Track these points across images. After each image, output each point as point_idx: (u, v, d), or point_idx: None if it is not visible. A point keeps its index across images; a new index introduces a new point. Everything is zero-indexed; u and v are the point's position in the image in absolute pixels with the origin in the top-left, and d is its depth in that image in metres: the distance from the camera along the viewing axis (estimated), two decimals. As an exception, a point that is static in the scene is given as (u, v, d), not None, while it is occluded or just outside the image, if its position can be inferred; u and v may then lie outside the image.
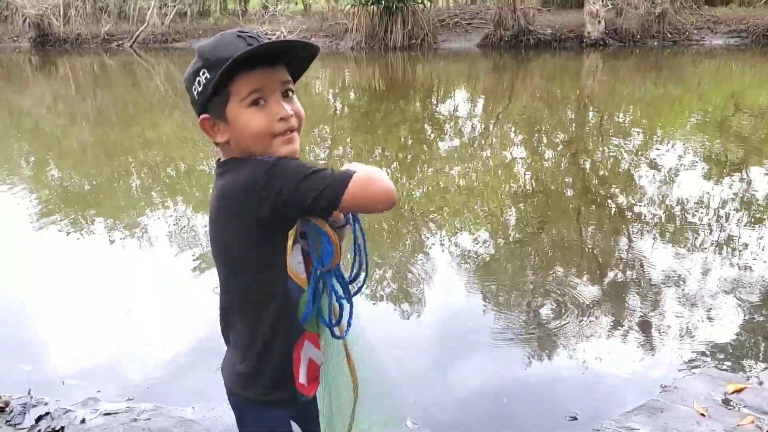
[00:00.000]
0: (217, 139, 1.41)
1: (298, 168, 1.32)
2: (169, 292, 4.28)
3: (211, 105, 1.38)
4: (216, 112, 1.39)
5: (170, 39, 20.56)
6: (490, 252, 4.87)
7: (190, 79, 1.40)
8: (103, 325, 3.85)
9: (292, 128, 1.39)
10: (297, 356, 1.49)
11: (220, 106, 1.37)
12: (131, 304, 4.07)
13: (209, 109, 1.39)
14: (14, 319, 3.98)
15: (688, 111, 10.24)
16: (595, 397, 3.03)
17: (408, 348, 3.53)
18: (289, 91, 1.41)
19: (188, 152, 8.29)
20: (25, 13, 20.61)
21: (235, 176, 1.36)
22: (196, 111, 1.42)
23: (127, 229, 5.46)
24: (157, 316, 3.94)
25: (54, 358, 3.51)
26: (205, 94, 1.37)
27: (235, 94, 1.35)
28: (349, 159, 7.70)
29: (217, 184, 1.42)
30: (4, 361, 3.45)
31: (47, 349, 3.62)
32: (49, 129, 10.48)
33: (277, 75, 1.38)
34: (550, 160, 7.44)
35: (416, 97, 12.39)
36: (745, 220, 5.29)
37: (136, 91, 13.92)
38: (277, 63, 1.38)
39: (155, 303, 4.10)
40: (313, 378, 1.55)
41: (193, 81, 1.39)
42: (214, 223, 1.46)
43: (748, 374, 3.14)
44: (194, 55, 1.41)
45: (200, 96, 1.38)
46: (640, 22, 17.08)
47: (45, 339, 3.72)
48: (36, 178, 7.35)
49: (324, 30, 19.42)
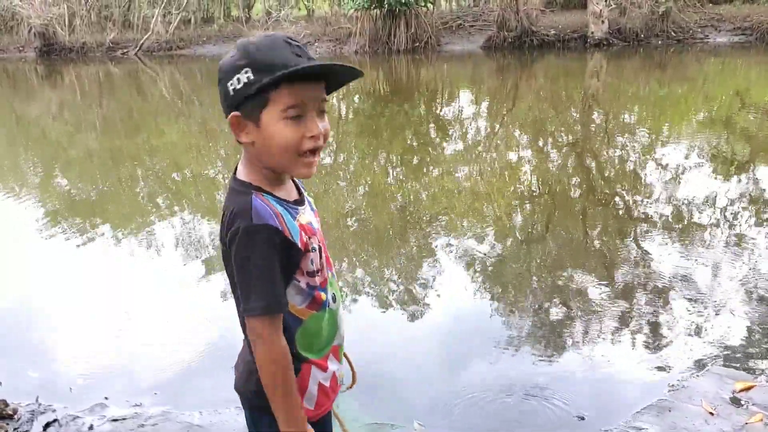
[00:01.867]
0: (242, 138, 1.40)
1: (248, 264, 1.35)
2: (176, 298, 4.29)
3: (247, 105, 1.37)
4: (250, 113, 1.37)
5: (174, 46, 20.66)
6: (497, 253, 4.86)
7: (228, 73, 1.37)
8: (110, 330, 3.86)
9: (318, 148, 1.41)
10: (302, 384, 1.48)
11: (256, 108, 1.36)
12: (138, 309, 4.08)
13: (242, 108, 1.37)
14: (22, 325, 3.99)
15: (693, 109, 10.21)
16: (603, 397, 3.01)
17: (415, 349, 3.53)
18: (323, 109, 1.42)
19: (193, 159, 8.32)
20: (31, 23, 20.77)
21: (227, 210, 1.40)
22: (227, 105, 1.39)
23: (133, 235, 5.48)
24: (165, 322, 3.95)
25: (62, 364, 3.52)
26: (244, 94, 1.35)
27: (275, 102, 1.34)
28: (355, 164, 7.72)
29: (227, 199, 1.44)
30: (12, 368, 3.47)
31: (55, 355, 3.63)
32: (55, 137, 10.54)
33: (317, 92, 1.39)
34: (556, 161, 7.42)
35: (421, 100, 12.40)
36: (752, 219, 5.26)
37: (141, 99, 13.98)
38: (320, 80, 1.40)
39: (162, 308, 4.11)
40: (324, 399, 1.54)
41: (231, 76, 1.36)
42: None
43: (756, 372, 3.12)
44: (225, 51, 1.44)
45: (236, 93, 1.36)
46: (644, 22, 17.07)
47: (53, 345, 3.73)
48: (43, 186, 7.38)
49: (327, 34, 19.48)
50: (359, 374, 1.74)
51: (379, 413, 2.91)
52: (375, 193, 6.44)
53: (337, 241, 5.02)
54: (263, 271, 1.36)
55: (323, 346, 1.52)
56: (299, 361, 1.46)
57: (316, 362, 1.50)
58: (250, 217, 1.35)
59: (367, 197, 6.35)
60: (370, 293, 4.29)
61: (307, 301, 1.46)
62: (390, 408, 2.98)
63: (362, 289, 4.33)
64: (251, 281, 1.36)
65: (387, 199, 6.19)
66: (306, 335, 1.47)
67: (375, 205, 6.04)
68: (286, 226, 1.38)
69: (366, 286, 4.40)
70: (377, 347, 3.52)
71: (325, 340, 1.52)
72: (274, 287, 1.37)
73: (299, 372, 1.47)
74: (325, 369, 1.52)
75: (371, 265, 4.76)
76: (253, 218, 1.34)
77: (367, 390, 3.08)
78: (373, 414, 2.90)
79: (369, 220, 5.67)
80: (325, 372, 1.52)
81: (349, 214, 5.77)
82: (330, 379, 1.53)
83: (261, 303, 1.36)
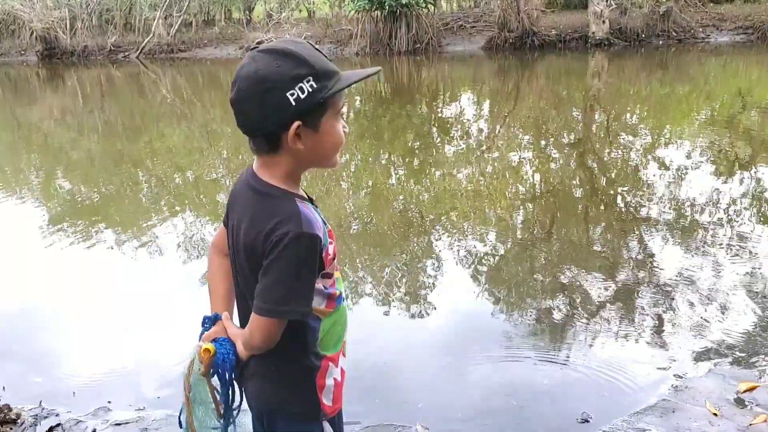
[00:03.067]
0: (297, 146, 1.40)
1: (294, 270, 1.39)
2: (179, 301, 4.28)
3: (311, 114, 1.38)
4: (312, 120, 1.39)
5: (176, 49, 20.68)
6: (499, 254, 4.86)
7: (284, 83, 1.35)
8: (113, 335, 3.86)
9: None
10: (321, 382, 1.54)
11: (319, 115, 1.39)
12: (141, 313, 4.08)
13: (305, 116, 1.38)
14: (25, 330, 3.99)
15: (695, 109, 10.20)
16: (606, 398, 3.01)
17: (418, 352, 3.53)
18: None
19: (195, 161, 8.33)
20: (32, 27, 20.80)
21: (264, 214, 1.41)
22: (288, 116, 1.37)
23: (136, 239, 5.48)
24: (168, 325, 3.95)
25: (65, 368, 3.52)
26: (311, 103, 1.36)
27: (333, 105, 1.41)
28: (357, 165, 7.72)
29: (252, 203, 1.45)
30: (15, 372, 3.47)
31: (58, 359, 3.63)
32: (58, 141, 10.56)
33: None
34: (558, 161, 7.42)
35: (422, 101, 12.40)
36: (755, 218, 5.25)
37: (144, 102, 14.00)
38: None
39: (166, 312, 4.11)
40: (339, 393, 1.60)
41: (291, 85, 1.35)
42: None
43: (760, 372, 3.11)
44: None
45: (302, 102, 1.36)
46: (645, 21, 17.05)
47: (56, 350, 3.74)
48: (45, 190, 7.39)
49: (329, 36, 19.48)
50: (362, 375, 1.76)
51: (382, 415, 2.91)
52: (377, 194, 6.44)
53: (340, 243, 5.01)
54: (307, 279, 1.41)
55: (338, 341, 1.58)
56: (319, 359, 1.53)
57: (332, 358, 1.56)
58: (300, 224, 1.38)
59: (369, 198, 6.35)
60: (373, 294, 4.28)
61: (325, 301, 1.51)
62: (393, 410, 2.98)
63: (366, 291, 4.33)
64: (294, 287, 1.40)
65: (389, 200, 6.19)
66: (327, 334, 1.53)
67: (377, 206, 6.04)
68: (325, 235, 1.45)
69: (369, 287, 4.40)
70: (380, 349, 3.52)
71: (340, 336, 1.58)
72: (310, 297, 1.44)
73: (319, 369, 1.53)
74: (337, 364, 1.58)
75: (374, 266, 4.76)
76: (303, 225, 1.38)
77: (370, 391, 3.08)
78: (376, 416, 2.89)
79: (371, 221, 5.67)
80: (338, 367, 1.58)
81: (351, 215, 5.77)
82: (341, 372, 1.59)
83: (299, 310, 1.42)
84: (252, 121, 1.39)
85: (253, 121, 1.39)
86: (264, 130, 1.39)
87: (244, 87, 1.37)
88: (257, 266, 1.41)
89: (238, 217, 1.48)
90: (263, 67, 1.35)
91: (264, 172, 1.45)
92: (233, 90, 1.39)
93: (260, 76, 1.35)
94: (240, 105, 1.38)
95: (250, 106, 1.37)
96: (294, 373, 1.52)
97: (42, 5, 20.85)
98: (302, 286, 1.41)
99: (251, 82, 1.35)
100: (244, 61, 1.41)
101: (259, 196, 1.44)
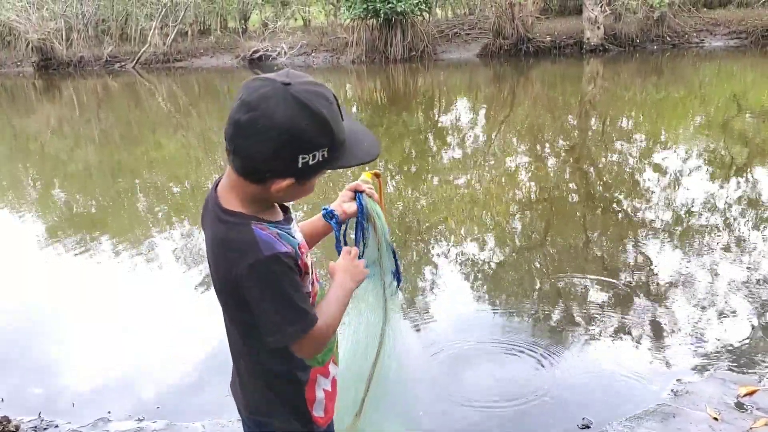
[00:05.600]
0: (277, 193, 1.37)
1: (276, 287, 1.37)
2: (177, 312, 4.28)
3: (307, 176, 1.38)
4: (305, 179, 1.38)
5: (172, 59, 20.68)
6: (498, 259, 4.86)
7: (304, 147, 1.31)
8: (112, 345, 3.85)
9: None
10: (311, 395, 1.55)
11: (313, 176, 1.39)
12: (139, 323, 4.08)
13: (301, 176, 1.36)
14: (24, 341, 3.99)
15: (690, 114, 10.23)
16: (606, 403, 3.01)
17: (419, 357, 3.52)
18: None
19: (192, 171, 8.33)
20: (28, 38, 20.77)
21: (221, 242, 1.41)
22: (289, 172, 1.34)
23: (134, 248, 5.48)
24: (166, 336, 3.94)
25: (64, 380, 3.52)
26: (317, 170, 1.36)
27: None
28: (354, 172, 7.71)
29: (213, 231, 1.42)
30: (14, 384, 3.46)
31: (57, 371, 3.62)
32: (54, 152, 10.55)
33: None
34: (554, 167, 7.44)
35: (418, 108, 12.42)
36: (752, 222, 5.27)
37: (140, 112, 14.00)
38: None
39: (164, 322, 4.11)
40: (330, 404, 1.61)
41: (307, 151, 1.32)
42: None
43: (760, 376, 3.11)
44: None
45: (308, 168, 1.34)
46: (639, 27, 17.12)
47: (55, 361, 3.73)
48: (43, 201, 7.38)
49: (324, 45, 19.50)
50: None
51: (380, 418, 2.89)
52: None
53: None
54: (287, 296, 1.38)
55: (326, 353, 1.58)
56: (307, 372, 1.53)
57: (320, 370, 1.56)
58: (259, 250, 1.35)
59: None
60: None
61: None
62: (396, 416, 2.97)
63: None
64: (280, 311, 1.38)
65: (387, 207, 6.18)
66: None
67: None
68: (291, 245, 1.42)
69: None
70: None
71: (329, 347, 1.59)
72: (303, 305, 1.41)
73: (308, 382, 1.53)
74: (327, 375, 1.59)
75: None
76: (263, 251, 1.35)
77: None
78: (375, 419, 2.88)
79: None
80: (327, 378, 1.59)
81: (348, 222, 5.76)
82: (331, 383, 1.61)
83: (298, 326, 1.40)
84: (253, 161, 1.32)
85: (254, 161, 1.32)
86: (259, 172, 1.34)
87: (262, 126, 1.27)
88: (234, 299, 1.43)
89: (207, 243, 1.47)
90: (289, 119, 1.28)
91: (227, 194, 1.41)
92: (246, 113, 1.28)
93: (284, 128, 1.28)
94: (249, 140, 1.30)
95: (260, 149, 1.30)
96: (282, 388, 1.52)
97: (38, 16, 20.85)
98: (292, 300, 1.38)
99: (272, 126, 1.27)
100: (269, 89, 1.29)
101: (218, 223, 1.41)
